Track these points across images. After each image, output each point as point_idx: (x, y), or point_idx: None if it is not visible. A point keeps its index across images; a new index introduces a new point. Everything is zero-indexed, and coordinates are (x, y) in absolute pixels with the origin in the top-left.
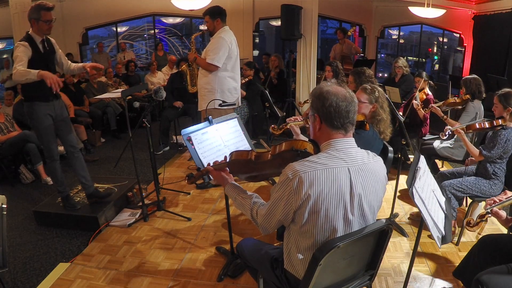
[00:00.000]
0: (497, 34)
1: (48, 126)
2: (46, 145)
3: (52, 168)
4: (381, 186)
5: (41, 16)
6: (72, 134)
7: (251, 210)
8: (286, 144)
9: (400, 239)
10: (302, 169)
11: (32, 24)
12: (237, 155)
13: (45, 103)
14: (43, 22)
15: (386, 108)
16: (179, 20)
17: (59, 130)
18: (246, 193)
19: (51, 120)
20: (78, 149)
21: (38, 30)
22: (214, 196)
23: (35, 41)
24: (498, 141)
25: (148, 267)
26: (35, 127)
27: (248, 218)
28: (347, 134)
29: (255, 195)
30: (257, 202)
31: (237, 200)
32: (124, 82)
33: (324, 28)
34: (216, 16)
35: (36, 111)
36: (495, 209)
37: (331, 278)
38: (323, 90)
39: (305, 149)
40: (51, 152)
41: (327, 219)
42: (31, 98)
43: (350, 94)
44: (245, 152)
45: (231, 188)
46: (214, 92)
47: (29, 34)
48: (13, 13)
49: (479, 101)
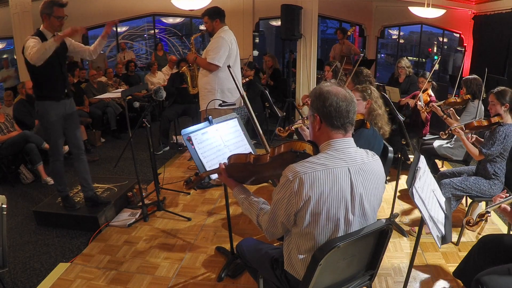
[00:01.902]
0: (497, 34)
1: (58, 126)
2: (54, 144)
3: (56, 168)
4: (380, 184)
5: (53, 11)
6: (79, 135)
7: (257, 216)
8: (285, 145)
9: (400, 239)
10: (302, 170)
11: (44, 19)
12: (234, 158)
13: (57, 102)
14: (54, 18)
15: (381, 103)
16: (179, 20)
17: (67, 130)
18: (253, 198)
19: (61, 119)
20: (84, 151)
21: (50, 26)
22: (214, 196)
23: (46, 37)
24: (497, 138)
25: (148, 267)
26: (44, 126)
27: (252, 220)
28: (347, 134)
29: (263, 201)
30: (263, 208)
31: (244, 204)
32: (124, 82)
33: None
34: (215, 16)
35: (47, 110)
36: (503, 205)
37: (331, 278)
38: (323, 90)
39: (304, 150)
40: (57, 152)
41: (328, 220)
42: (42, 97)
43: (350, 95)
44: (243, 155)
45: (239, 192)
46: (214, 92)
47: (40, 30)
48: (13, 13)
49: (480, 101)
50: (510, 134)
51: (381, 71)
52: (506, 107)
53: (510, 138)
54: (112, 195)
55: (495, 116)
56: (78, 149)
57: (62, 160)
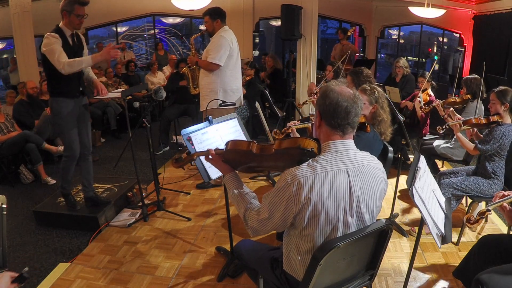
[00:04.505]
0: (497, 34)
1: (72, 122)
2: (68, 142)
3: (67, 167)
4: (380, 189)
5: (74, 9)
6: (89, 135)
7: (246, 210)
8: (292, 141)
9: (400, 239)
10: (300, 174)
11: (64, 16)
12: (235, 144)
13: (71, 100)
14: (75, 16)
15: (386, 108)
16: (179, 20)
17: (80, 128)
18: (245, 190)
19: (75, 116)
20: (90, 152)
21: (69, 23)
22: (214, 196)
23: (64, 34)
24: (494, 136)
25: (148, 267)
26: (58, 122)
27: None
28: (345, 136)
29: (254, 196)
30: (253, 203)
31: (234, 194)
32: (124, 82)
33: (324, 28)
34: (216, 16)
35: (61, 107)
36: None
37: (331, 278)
38: (329, 88)
39: (312, 149)
40: (71, 150)
41: (327, 222)
42: (57, 94)
43: (355, 96)
44: (245, 143)
45: (231, 180)
46: (216, 92)
47: (59, 27)
48: (13, 13)
49: (480, 101)
50: (507, 134)
51: (381, 71)
52: (506, 107)
53: (508, 138)
54: (112, 195)
55: (494, 115)
56: (87, 149)
57: (75, 158)
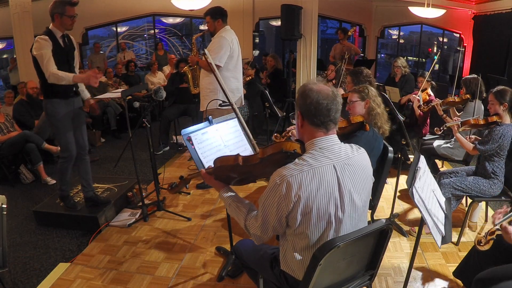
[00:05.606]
0: (497, 34)
1: (67, 123)
2: (64, 143)
3: (64, 168)
4: (368, 177)
5: (65, 11)
6: (85, 135)
7: (245, 220)
8: (275, 146)
9: (400, 239)
10: (288, 173)
11: (55, 18)
12: (221, 161)
13: (65, 100)
14: (67, 17)
15: (379, 102)
16: (179, 20)
17: (75, 129)
18: (241, 201)
19: (70, 117)
20: (87, 152)
21: (60, 25)
22: (214, 196)
23: (55, 36)
24: (492, 137)
25: (148, 267)
26: (54, 124)
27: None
28: (329, 132)
29: (251, 204)
30: (252, 212)
31: (231, 207)
32: (124, 82)
33: (324, 28)
34: (217, 16)
35: (56, 108)
36: (504, 224)
37: (331, 278)
38: (307, 88)
39: (294, 150)
40: (68, 151)
41: (319, 218)
42: (50, 95)
43: (334, 93)
44: (231, 157)
45: (226, 194)
46: (216, 92)
47: (50, 29)
48: (13, 13)
49: (479, 101)
50: (506, 134)
51: (381, 71)
52: (505, 106)
53: (507, 138)
54: (112, 195)
55: (493, 116)
56: (83, 149)
57: (72, 159)
